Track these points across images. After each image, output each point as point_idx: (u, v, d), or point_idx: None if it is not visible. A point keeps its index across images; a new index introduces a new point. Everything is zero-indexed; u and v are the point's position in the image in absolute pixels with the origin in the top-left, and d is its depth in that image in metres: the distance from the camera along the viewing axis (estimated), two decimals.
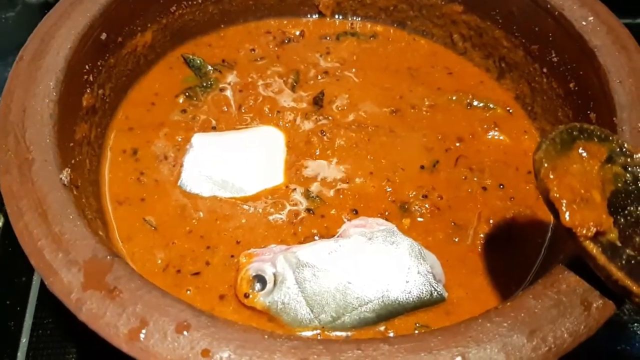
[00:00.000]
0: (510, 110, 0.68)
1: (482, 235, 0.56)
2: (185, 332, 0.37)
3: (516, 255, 0.56)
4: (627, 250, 0.40)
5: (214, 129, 0.64)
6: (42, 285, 0.58)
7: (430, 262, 0.50)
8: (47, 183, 0.44)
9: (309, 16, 0.77)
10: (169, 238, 0.55)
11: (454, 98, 0.69)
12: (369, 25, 0.77)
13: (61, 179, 0.45)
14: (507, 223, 0.58)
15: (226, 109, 0.66)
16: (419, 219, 0.57)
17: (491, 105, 0.68)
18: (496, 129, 0.66)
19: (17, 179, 0.44)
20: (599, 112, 0.56)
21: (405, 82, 0.70)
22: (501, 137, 0.65)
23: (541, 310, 0.40)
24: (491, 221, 0.58)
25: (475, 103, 0.68)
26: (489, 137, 0.65)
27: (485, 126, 0.66)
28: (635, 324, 0.61)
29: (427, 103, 0.68)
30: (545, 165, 0.40)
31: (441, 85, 0.70)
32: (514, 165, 0.63)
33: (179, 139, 0.62)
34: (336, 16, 0.77)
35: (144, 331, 0.37)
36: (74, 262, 0.40)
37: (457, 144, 0.64)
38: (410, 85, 0.70)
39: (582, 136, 0.42)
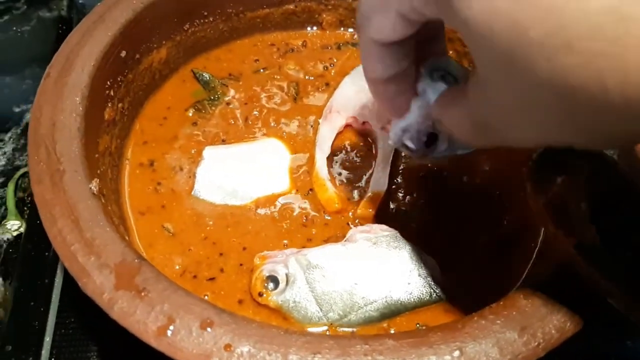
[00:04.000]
0: None
1: (479, 241, 0.59)
2: (208, 329, 0.40)
3: (510, 258, 0.58)
4: (609, 254, 0.44)
5: (223, 141, 0.67)
6: (64, 287, 0.61)
7: (430, 265, 0.54)
8: (78, 192, 0.48)
9: (312, 28, 0.80)
10: (186, 245, 0.58)
11: None
12: None
13: (90, 188, 0.48)
14: (503, 228, 0.61)
15: (233, 122, 0.69)
16: (418, 225, 0.60)
17: None
18: None
19: (49, 188, 0.48)
20: None
21: None
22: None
23: (531, 308, 0.43)
24: (488, 227, 0.60)
25: None
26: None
27: None
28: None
29: None
30: (536, 176, 0.44)
31: None
32: (510, 175, 0.64)
33: (193, 152, 0.65)
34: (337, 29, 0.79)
35: (171, 328, 0.40)
36: (106, 265, 0.43)
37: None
38: None
39: (569, 151, 0.46)
